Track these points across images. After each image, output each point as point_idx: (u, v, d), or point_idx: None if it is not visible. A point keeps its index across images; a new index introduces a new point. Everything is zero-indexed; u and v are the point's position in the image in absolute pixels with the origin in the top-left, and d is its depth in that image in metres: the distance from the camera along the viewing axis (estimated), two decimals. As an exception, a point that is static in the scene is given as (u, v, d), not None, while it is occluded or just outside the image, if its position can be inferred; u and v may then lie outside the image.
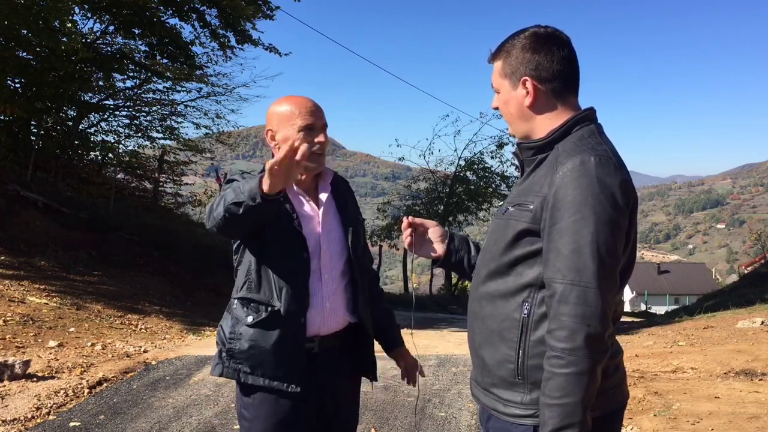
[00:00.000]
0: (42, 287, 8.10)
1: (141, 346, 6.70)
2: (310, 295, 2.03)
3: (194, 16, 13.59)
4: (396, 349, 2.31)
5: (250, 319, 2.00)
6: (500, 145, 20.90)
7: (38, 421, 4.24)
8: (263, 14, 13.51)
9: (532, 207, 1.50)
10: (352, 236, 2.13)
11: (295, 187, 2.08)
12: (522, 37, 1.60)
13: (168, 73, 14.44)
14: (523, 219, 1.51)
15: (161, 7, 13.25)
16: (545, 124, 1.59)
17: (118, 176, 17.42)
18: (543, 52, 1.56)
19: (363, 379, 2.26)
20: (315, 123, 2.02)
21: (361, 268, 2.17)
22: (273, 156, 1.97)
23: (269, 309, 1.99)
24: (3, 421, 4.13)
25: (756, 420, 4.17)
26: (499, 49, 1.64)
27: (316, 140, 2.02)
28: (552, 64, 1.56)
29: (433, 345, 7.63)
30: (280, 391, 1.99)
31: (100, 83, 15.19)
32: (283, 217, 2.00)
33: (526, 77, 1.57)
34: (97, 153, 17.19)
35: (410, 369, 2.30)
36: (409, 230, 1.93)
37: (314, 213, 2.09)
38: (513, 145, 1.76)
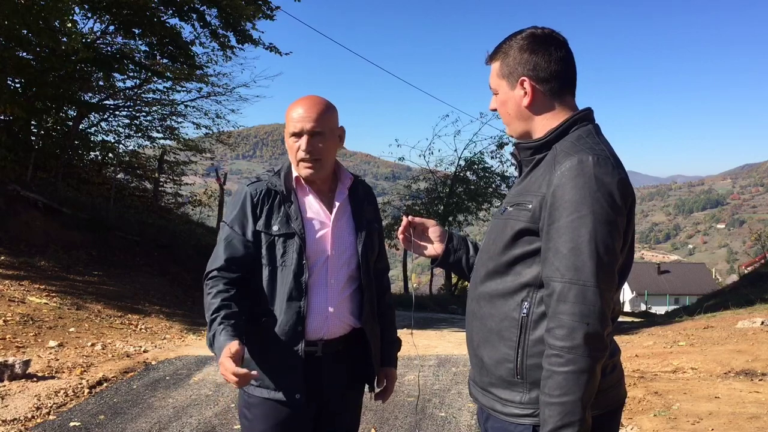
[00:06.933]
0: (42, 287, 8.09)
1: (141, 346, 6.70)
2: (312, 300, 2.02)
3: (194, 16, 13.58)
4: (385, 367, 2.24)
5: (249, 331, 2.01)
6: (500, 145, 20.93)
7: (38, 421, 4.24)
8: (263, 14, 13.51)
9: (530, 206, 1.50)
10: (363, 243, 2.11)
11: (309, 188, 2.08)
12: (519, 38, 1.60)
13: (168, 73, 14.45)
14: (522, 218, 1.51)
15: (161, 7, 13.25)
16: (543, 125, 1.59)
17: (118, 176, 17.42)
18: (540, 52, 1.57)
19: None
20: (302, 128, 1.99)
21: (370, 275, 2.14)
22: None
23: (265, 320, 2.00)
24: (3, 421, 4.13)
25: (756, 420, 4.17)
26: (496, 50, 1.65)
27: (296, 144, 2.01)
28: (549, 64, 1.56)
29: (433, 345, 7.63)
30: (284, 401, 1.99)
31: (100, 83, 15.21)
32: (281, 224, 2.00)
33: (524, 78, 1.58)
34: (97, 153, 17.22)
35: (387, 390, 2.24)
36: (404, 226, 1.94)
37: (326, 217, 2.08)
38: (512, 145, 1.74)
